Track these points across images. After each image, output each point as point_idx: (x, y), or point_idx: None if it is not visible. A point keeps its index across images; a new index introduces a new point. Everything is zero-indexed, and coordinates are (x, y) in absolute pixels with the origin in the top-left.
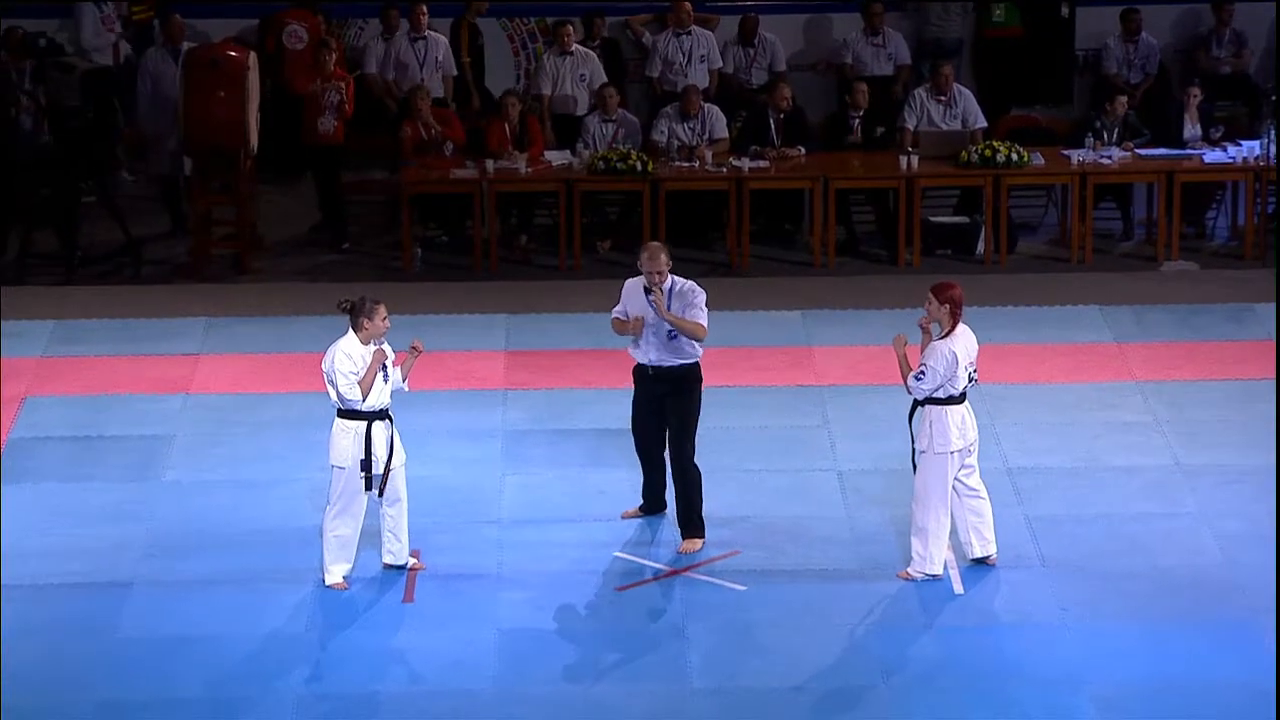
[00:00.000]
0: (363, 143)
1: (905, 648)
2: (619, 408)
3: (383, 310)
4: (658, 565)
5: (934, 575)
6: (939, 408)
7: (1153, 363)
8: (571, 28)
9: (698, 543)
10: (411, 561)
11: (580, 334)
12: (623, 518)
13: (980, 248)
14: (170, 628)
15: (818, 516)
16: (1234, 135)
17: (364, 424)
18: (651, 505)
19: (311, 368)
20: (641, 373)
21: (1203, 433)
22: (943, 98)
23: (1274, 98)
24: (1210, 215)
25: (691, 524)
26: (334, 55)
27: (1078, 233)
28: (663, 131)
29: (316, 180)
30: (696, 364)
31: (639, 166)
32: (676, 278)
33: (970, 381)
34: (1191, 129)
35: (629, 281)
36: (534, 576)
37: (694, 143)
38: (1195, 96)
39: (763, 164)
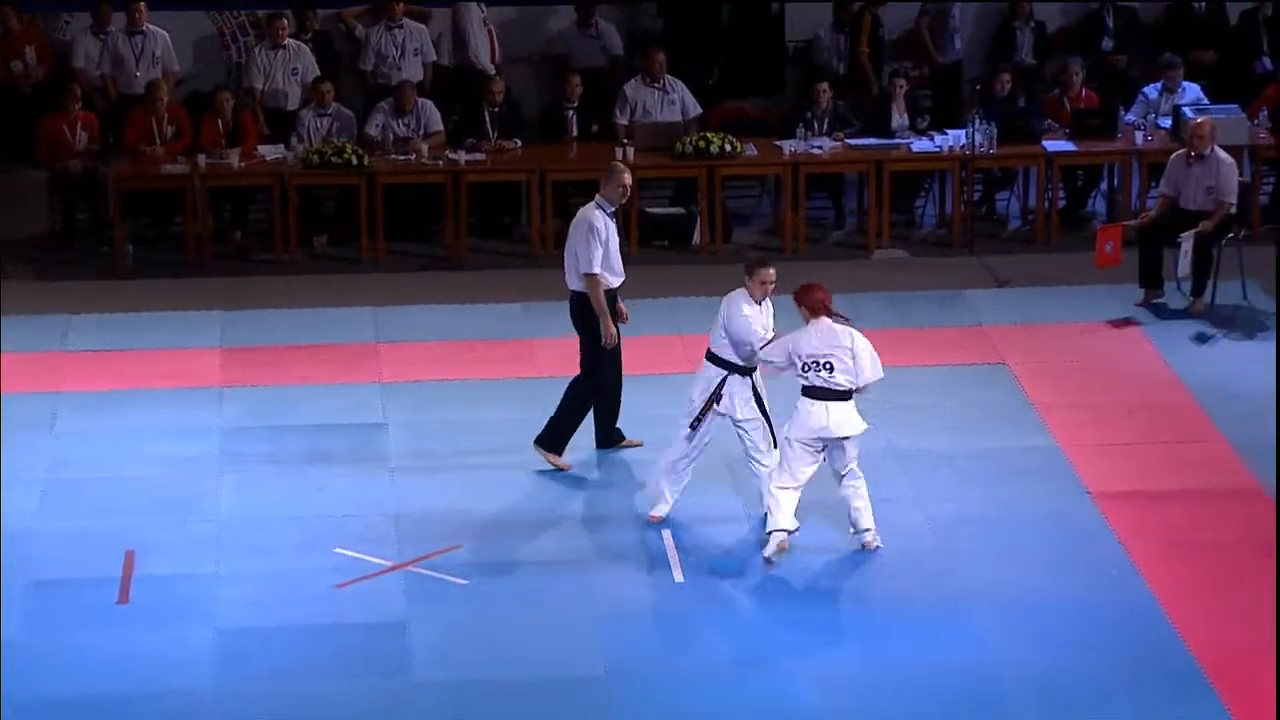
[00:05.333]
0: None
1: (626, 637)
2: (339, 402)
3: (763, 273)
4: (379, 561)
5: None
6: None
7: None
8: (285, 21)
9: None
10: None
11: (298, 329)
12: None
13: (696, 238)
14: None
15: (539, 509)
16: (940, 124)
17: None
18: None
19: (16, 367)
20: (613, 297)
21: (913, 418)
22: (657, 85)
23: (977, 87)
24: (919, 203)
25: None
26: (78, 102)
27: (790, 222)
28: (378, 125)
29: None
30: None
31: (355, 160)
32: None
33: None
34: (899, 118)
35: (594, 222)
36: (253, 575)
37: (409, 137)
38: (902, 87)
39: (479, 157)
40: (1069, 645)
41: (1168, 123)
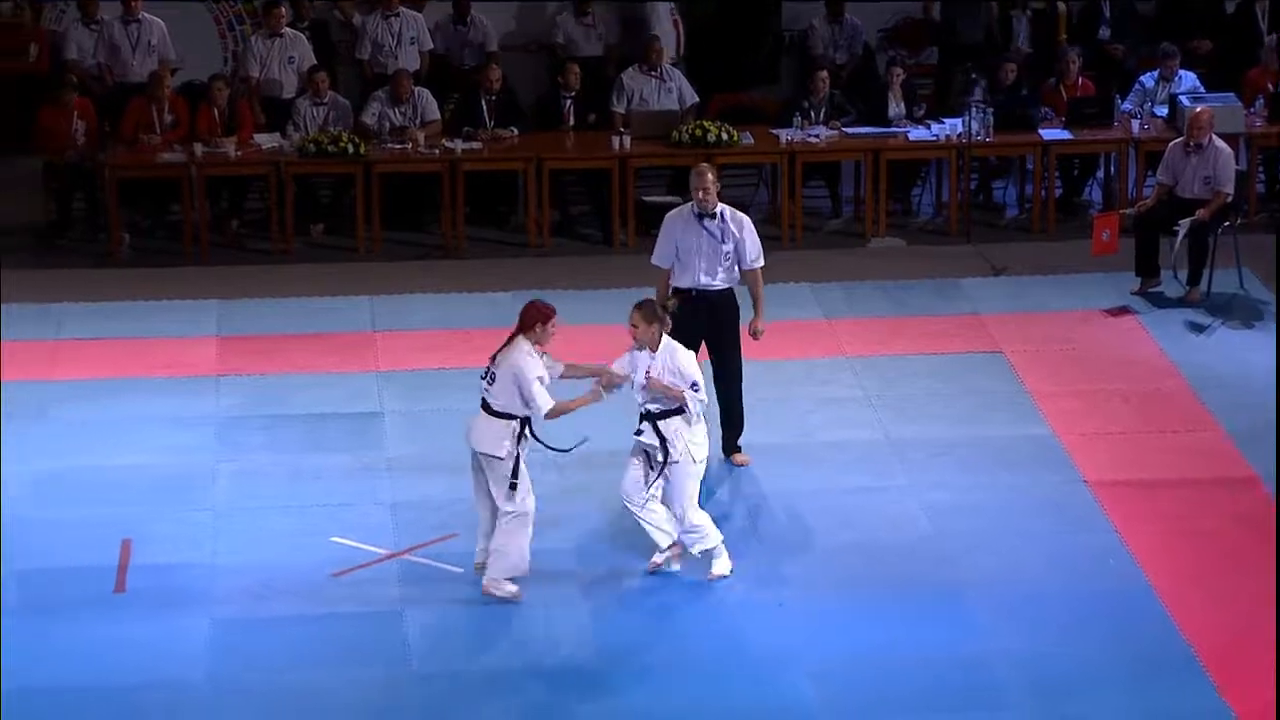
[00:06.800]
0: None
1: (624, 627)
2: (334, 391)
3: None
4: (375, 549)
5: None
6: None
7: (862, 338)
8: (283, 9)
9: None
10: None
11: (294, 318)
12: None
13: None
14: None
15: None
16: (937, 113)
17: None
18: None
19: (12, 356)
20: (684, 296)
21: (910, 406)
22: (655, 73)
23: (973, 75)
24: (915, 192)
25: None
26: (75, 92)
27: (787, 211)
28: (374, 114)
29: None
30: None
31: (350, 149)
32: (724, 205)
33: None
34: (896, 107)
35: (670, 216)
36: (249, 564)
37: (406, 125)
38: (899, 75)
39: (475, 145)
40: (1065, 633)
41: (1164, 111)
